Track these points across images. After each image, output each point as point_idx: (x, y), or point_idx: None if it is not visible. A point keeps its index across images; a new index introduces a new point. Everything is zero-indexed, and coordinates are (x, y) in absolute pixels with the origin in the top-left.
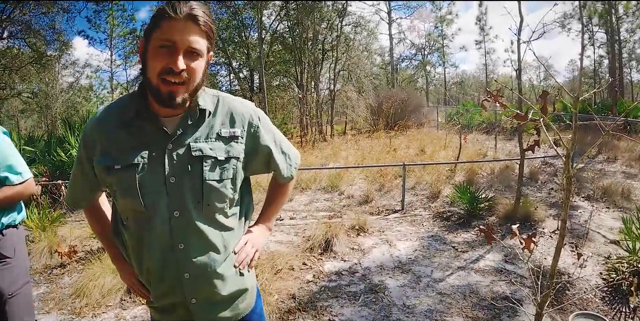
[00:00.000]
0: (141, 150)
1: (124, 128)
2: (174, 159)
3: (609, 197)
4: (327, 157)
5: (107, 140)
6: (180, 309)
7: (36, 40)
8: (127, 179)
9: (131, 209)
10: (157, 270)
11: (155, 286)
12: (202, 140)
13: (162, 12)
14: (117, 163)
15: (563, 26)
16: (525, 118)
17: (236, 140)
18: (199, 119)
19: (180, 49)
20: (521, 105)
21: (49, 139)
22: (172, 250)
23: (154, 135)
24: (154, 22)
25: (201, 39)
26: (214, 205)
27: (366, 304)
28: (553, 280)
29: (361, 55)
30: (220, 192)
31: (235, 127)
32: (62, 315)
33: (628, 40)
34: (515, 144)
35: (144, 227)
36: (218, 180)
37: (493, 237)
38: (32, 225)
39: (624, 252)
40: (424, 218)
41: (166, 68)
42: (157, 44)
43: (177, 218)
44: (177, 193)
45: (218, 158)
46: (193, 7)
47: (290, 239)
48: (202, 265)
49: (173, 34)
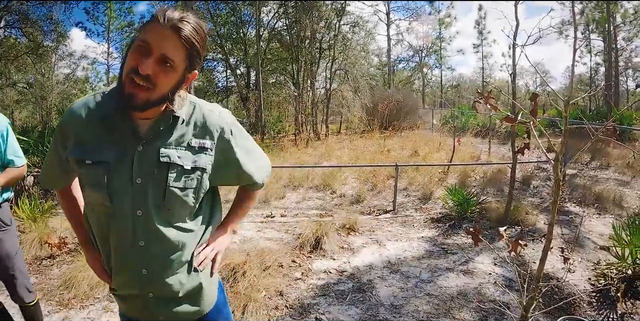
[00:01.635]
0: (112, 148)
1: (100, 123)
2: (142, 161)
3: (601, 203)
4: (320, 155)
5: (82, 132)
6: (140, 300)
7: (33, 30)
8: (96, 174)
9: (98, 203)
10: (118, 262)
11: (116, 277)
12: (171, 146)
13: (154, 15)
14: (89, 158)
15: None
16: (514, 120)
17: (205, 151)
18: (172, 125)
19: (154, 53)
20: (515, 109)
21: (43, 130)
22: (132, 246)
23: (126, 135)
24: (144, 24)
25: (178, 51)
26: (175, 210)
27: (354, 303)
28: (539, 283)
29: (358, 55)
30: (181, 200)
31: (206, 138)
32: (50, 306)
33: (625, 49)
34: (509, 148)
35: (109, 221)
36: (181, 188)
37: (480, 239)
38: (24, 216)
39: (614, 258)
40: (415, 220)
41: (135, 67)
42: (136, 43)
43: (139, 217)
44: (141, 194)
45: (184, 167)
46: (183, 19)
47: (280, 236)
48: (161, 263)
49: (152, 37)
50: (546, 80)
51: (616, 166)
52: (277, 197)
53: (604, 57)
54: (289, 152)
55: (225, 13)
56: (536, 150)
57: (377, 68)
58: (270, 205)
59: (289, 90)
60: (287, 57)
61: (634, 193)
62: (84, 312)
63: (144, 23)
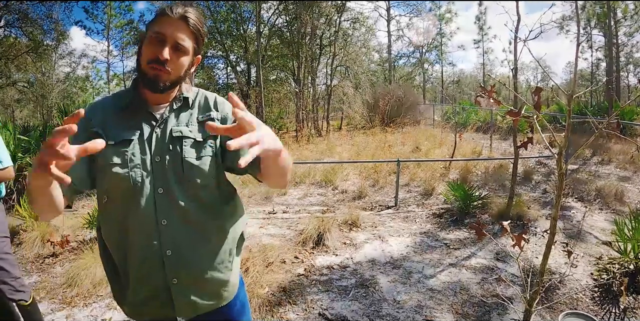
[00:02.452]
0: (132, 130)
1: (118, 113)
2: (159, 140)
3: (603, 198)
4: (322, 151)
5: (103, 121)
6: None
7: (33, 29)
8: (118, 154)
9: (117, 186)
10: (141, 247)
11: (139, 266)
12: (182, 124)
13: (162, 11)
14: (111, 139)
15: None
16: (517, 114)
17: (212, 121)
18: (183, 106)
19: (169, 42)
20: (517, 103)
21: (44, 129)
22: (155, 227)
23: (143, 119)
24: (153, 18)
25: (188, 38)
26: (195, 181)
27: (356, 298)
28: (542, 278)
29: (359, 51)
30: (199, 169)
31: (211, 111)
32: (54, 304)
33: (626, 44)
34: (510, 144)
35: (130, 204)
36: (196, 157)
37: (484, 233)
38: (25, 214)
39: (616, 253)
40: (417, 215)
41: (154, 57)
42: (150, 35)
43: (160, 195)
44: (161, 171)
45: (196, 140)
46: (187, 11)
47: (282, 232)
48: (185, 242)
49: (165, 28)
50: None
51: (617, 161)
52: (279, 193)
53: (605, 52)
54: (290, 148)
55: (225, 10)
56: (537, 145)
57: (377, 64)
58: (272, 202)
59: (289, 87)
60: (288, 54)
61: (635, 188)
62: (87, 310)
63: (151, 19)
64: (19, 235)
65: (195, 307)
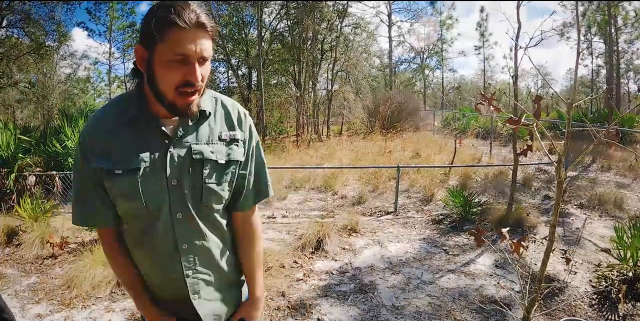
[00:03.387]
0: (142, 152)
1: (124, 129)
2: (175, 161)
3: (602, 205)
4: (322, 156)
5: (106, 141)
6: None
7: (35, 30)
8: (129, 184)
9: (134, 213)
10: (163, 270)
11: (158, 287)
12: (203, 142)
13: (171, 21)
14: (118, 168)
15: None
16: (518, 122)
17: (237, 143)
18: (200, 120)
19: (195, 60)
20: (516, 110)
21: (45, 130)
22: (175, 251)
23: (154, 137)
24: (160, 32)
25: (209, 45)
26: (212, 206)
27: (355, 304)
28: (541, 284)
29: (360, 56)
30: (218, 195)
31: (236, 130)
32: (52, 305)
33: (626, 51)
34: (510, 150)
35: (148, 230)
36: (217, 183)
37: (483, 239)
38: (25, 215)
39: (615, 260)
40: (416, 221)
41: (184, 81)
42: (169, 57)
43: (179, 220)
44: (179, 195)
45: (218, 162)
46: (199, 13)
47: (282, 237)
48: (204, 262)
49: (186, 47)
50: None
51: (617, 168)
52: (278, 198)
53: (606, 59)
54: (290, 153)
55: (227, 14)
56: (537, 152)
57: (378, 69)
58: (272, 206)
59: (290, 91)
60: (289, 58)
61: (635, 195)
62: (86, 312)
63: (150, 30)
64: (18, 235)
65: (220, 319)
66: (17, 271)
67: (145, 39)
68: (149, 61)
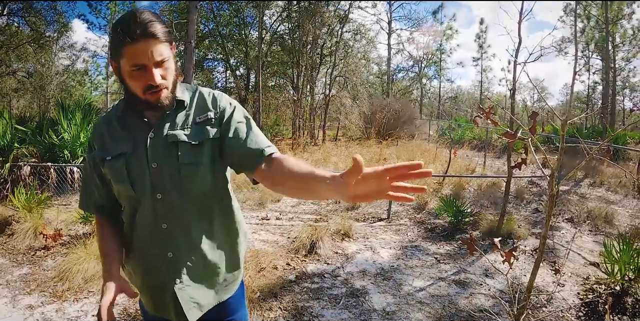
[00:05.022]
0: (127, 140)
1: (116, 124)
2: (154, 146)
3: (592, 220)
4: (317, 161)
5: (104, 135)
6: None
7: (36, 20)
8: (117, 167)
9: (125, 195)
10: (144, 248)
11: (141, 265)
12: (177, 127)
13: (119, 39)
14: (109, 155)
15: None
16: (514, 136)
17: (210, 123)
18: (177, 109)
19: (151, 66)
20: (512, 124)
21: (41, 121)
22: (156, 230)
23: (138, 127)
24: (117, 49)
25: (164, 47)
26: (192, 187)
27: (347, 307)
28: (530, 294)
29: (359, 62)
30: (197, 175)
31: (209, 111)
32: (44, 297)
33: (623, 69)
34: (504, 162)
35: (135, 210)
36: (193, 163)
37: (475, 248)
38: (19, 206)
39: (603, 274)
40: (408, 228)
41: (147, 85)
42: (129, 69)
43: (158, 200)
44: (159, 178)
45: (192, 143)
46: (146, 23)
47: (275, 239)
48: (184, 245)
49: (139, 58)
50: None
51: (609, 184)
52: (272, 199)
53: (602, 76)
54: None
55: (228, 13)
56: (530, 165)
57: (376, 76)
58: (266, 208)
59: (288, 94)
60: (288, 61)
61: (625, 211)
62: (78, 305)
63: (112, 47)
64: (11, 225)
65: (200, 307)
66: (9, 261)
67: (112, 55)
68: (119, 73)
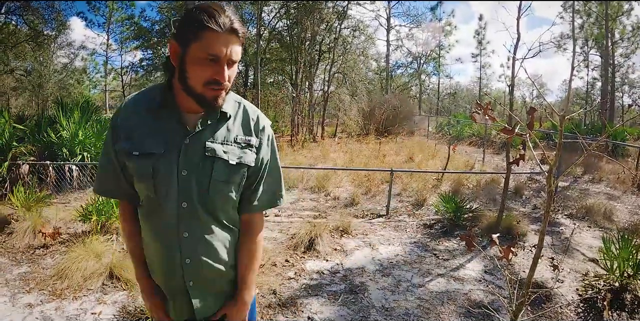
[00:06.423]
0: (159, 139)
1: (148, 116)
2: (188, 154)
3: (591, 216)
4: (316, 157)
5: (132, 124)
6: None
7: (34, 18)
8: (143, 166)
9: (146, 194)
10: (163, 252)
11: (159, 266)
12: (218, 141)
13: (205, 24)
14: (136, 150)
15: (559, 46)
16: (512, 132)
17: (250, 148)
18: (219, 121)
19: (224, 62)
20: (511, 120)
21: (39, 119)
22: (177, 237)
23: (174, 128)
24: (194, 32)
25: (240, 50)
26: (218, 203)
27: (345, 304)
28: (529, 289)
29: (357, 59)
30: (225, 194)
31: (252, 135)
32: (43, 295)
33: (622, 65)
34: (503, 158)
35: (155, 211)
36: (225, 182)
37: (474, 244)
38: (18, 204)
39: (602, 270)
40: (407, 225)
41: (212, 79)
42: (201, 56)
43: (184, 209)
44: (187, 186)
45: (229, 162)
46: (233, 19)
47: (274, 236)
48: (204, 253)
49: (218, 48)
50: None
51: (608, 180)
52: None
53: (601, 72)
54: (284, 152)
55: None
56: (529, 161)
57: (375, 72)
58: None
59: (286, 91)
60: (287, 58)
61: (624, 207)
62: (77, 303)
63: (185, 29)
64: (10, 224)
65: (212, 306)
66: (8, 259)
67: (180, 37)
68: (182, 57)
